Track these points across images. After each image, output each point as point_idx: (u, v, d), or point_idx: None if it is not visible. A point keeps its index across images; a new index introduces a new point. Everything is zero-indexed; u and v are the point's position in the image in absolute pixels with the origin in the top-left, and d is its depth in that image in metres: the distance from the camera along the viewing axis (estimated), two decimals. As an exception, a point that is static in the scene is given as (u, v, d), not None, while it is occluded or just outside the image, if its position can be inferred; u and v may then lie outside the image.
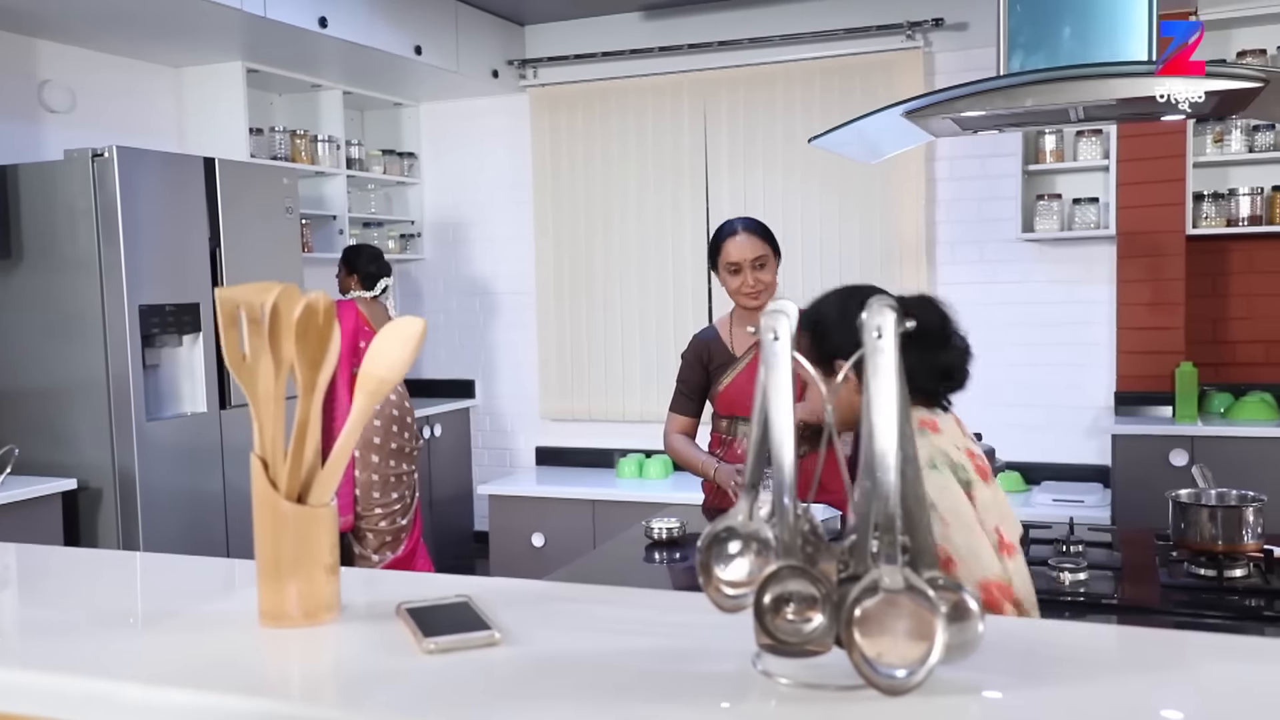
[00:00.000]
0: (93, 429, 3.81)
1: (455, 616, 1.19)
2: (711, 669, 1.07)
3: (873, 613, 0.93)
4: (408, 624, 1.17)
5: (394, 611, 1.21)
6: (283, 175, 4.41)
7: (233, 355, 1.15)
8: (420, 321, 1.16)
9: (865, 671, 0.93)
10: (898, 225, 4.98)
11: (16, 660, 1.16)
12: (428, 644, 1.10)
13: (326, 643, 1.18)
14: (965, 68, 4.85)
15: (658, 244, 5.40)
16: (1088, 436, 4.75)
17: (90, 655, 1.15)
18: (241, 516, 4.17)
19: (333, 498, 1.20)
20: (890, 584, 0.94)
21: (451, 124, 5.81)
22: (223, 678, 1.08)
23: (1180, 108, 2.05)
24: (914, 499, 0.97)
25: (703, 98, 5.26)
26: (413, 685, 1.04)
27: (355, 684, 1.07)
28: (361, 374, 1.16)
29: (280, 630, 1.19)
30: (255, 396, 1.17)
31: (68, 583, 1.55)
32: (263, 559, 1.19)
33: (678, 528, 2.67)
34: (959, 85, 2.03)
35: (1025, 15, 2.14)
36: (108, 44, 4.38)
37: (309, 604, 1.19)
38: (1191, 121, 4.31)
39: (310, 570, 1.18)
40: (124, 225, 3.72)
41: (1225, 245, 4.54)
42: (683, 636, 1.21)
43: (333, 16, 4.30)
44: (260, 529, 1.19)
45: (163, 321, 3.90)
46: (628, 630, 1.27)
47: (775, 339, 1.03)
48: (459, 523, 5.72)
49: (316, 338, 1.14)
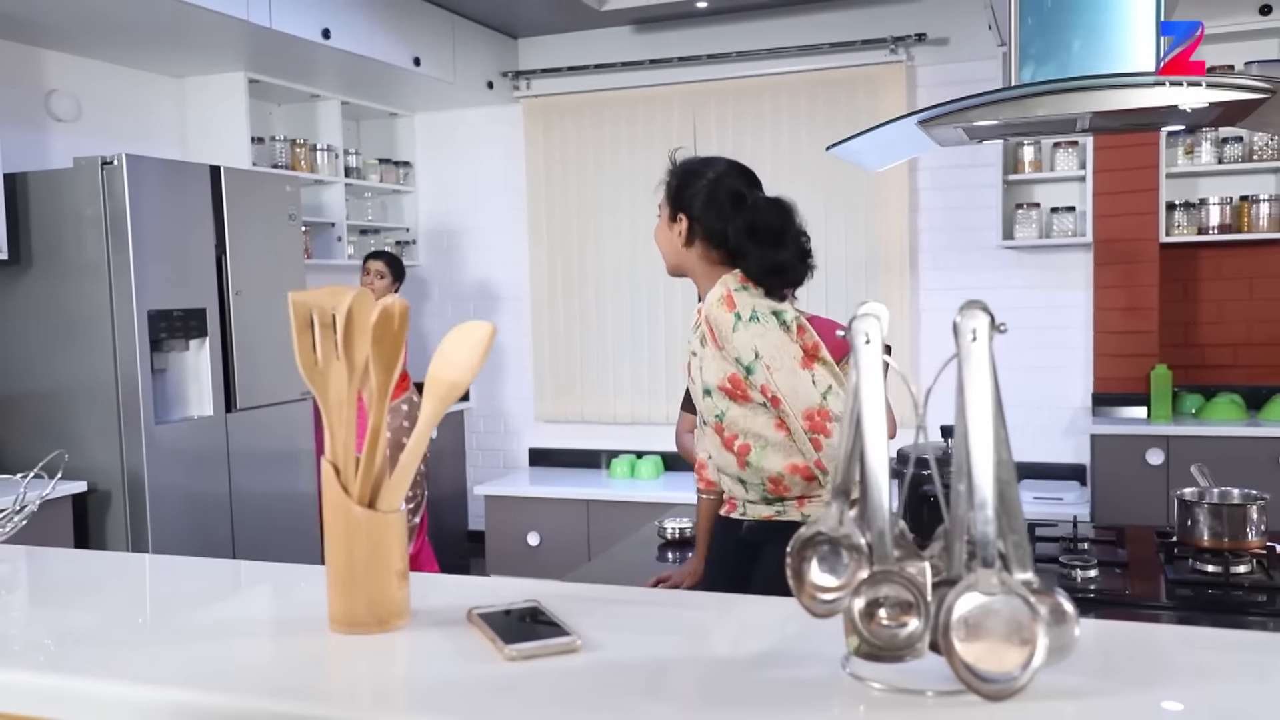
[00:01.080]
0: (102, 432, 3.90)
1: (530, 623, 1.18)
2: (799, 674, 1.05)
3: (971, 618, 0.93)
4: (483, 630, 1.16)
5: (465, 617, 1.21)
6: (286, 183, 4.51)
7: (305, 359, 1.17)
8: (489, 325, 1.18)
9: (966, 677, 0.92)
10: (882, 234, 5.13)
11: (97, 669, 1.13)
12: (509, 651, 1.09)
13: (402, 649, 1.16)
14: (945, 81, 5.02)
15: (648, 251, 5.50)
16: (1065, 436, 4.92)
17: (166, 663, 1.14)
18: (247, 519, 4.26)
19: (402, 503, 1.23)
20: (987, 588, 0.93)
21: (446, 134, 5.92)
22: (301, 685, 1.08)
23: (1186, 116, 2.19)
24: (1009, 501, 0.96)
25: (692, 109, 5.40)
26: (496, 693, 1.03)
27: (437, 692, 1.05)
28: (431, 379, 1.18)
29: (352, 636, 1.19)
30: (326, 401, 1.18)
31: (127, 590, 1.54)
32: (335, 565, 1.20)
33: (690, 527, 2.71)
34: (973, 95, 2.16)
35: (1036, 28, 2.27)
36: (113, 54, 4.47)
37: (381, 610, 1.19)
38: (1164, 133, 4.49)
39: (382, 576, 1.18)
40: (133, 231, 3.81)
41: (1195, 252, 4.72)
42: (761, 640, 1.20)
43: (335, 28, 4.41)
44: (333, 535, 1.20)
45: (170, 326, 3.99)
46: (703, 634, 1.26)
47: (867, 342, 1.02)
48: (454, 522, 5.82)
49: (392, 342, 1.17)
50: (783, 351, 2.03)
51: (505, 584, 1.35)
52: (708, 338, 2.10)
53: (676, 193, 2.16)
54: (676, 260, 2.20)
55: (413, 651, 1.16)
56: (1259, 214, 4.47)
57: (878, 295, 5.17)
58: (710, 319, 2.09)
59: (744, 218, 2.09)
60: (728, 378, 2.09)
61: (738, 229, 2.09)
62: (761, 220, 2.10)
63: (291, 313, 1.15)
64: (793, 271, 2.13)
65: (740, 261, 2.12)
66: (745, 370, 2.04)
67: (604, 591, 1.47)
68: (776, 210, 2.12)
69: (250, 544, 4.28)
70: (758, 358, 2.02)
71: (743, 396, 2.09)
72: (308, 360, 1.17)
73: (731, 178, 2.16)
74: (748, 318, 2.03)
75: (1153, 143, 4.47)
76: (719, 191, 2.12)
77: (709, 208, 2.12)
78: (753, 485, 2.14)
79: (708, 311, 2.10)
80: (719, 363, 2.09)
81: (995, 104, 2.26)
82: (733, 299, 2.07)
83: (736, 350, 2.04)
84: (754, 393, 2.07)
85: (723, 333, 2.06)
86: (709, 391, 2.13)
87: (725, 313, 2.06)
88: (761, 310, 2.06)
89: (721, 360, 2.09)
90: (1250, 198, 4.50)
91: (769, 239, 2.10)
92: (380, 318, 1.15)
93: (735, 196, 2.13)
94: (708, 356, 2.12)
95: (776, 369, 2.01)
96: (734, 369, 2.07)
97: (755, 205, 2.12)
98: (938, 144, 2.59)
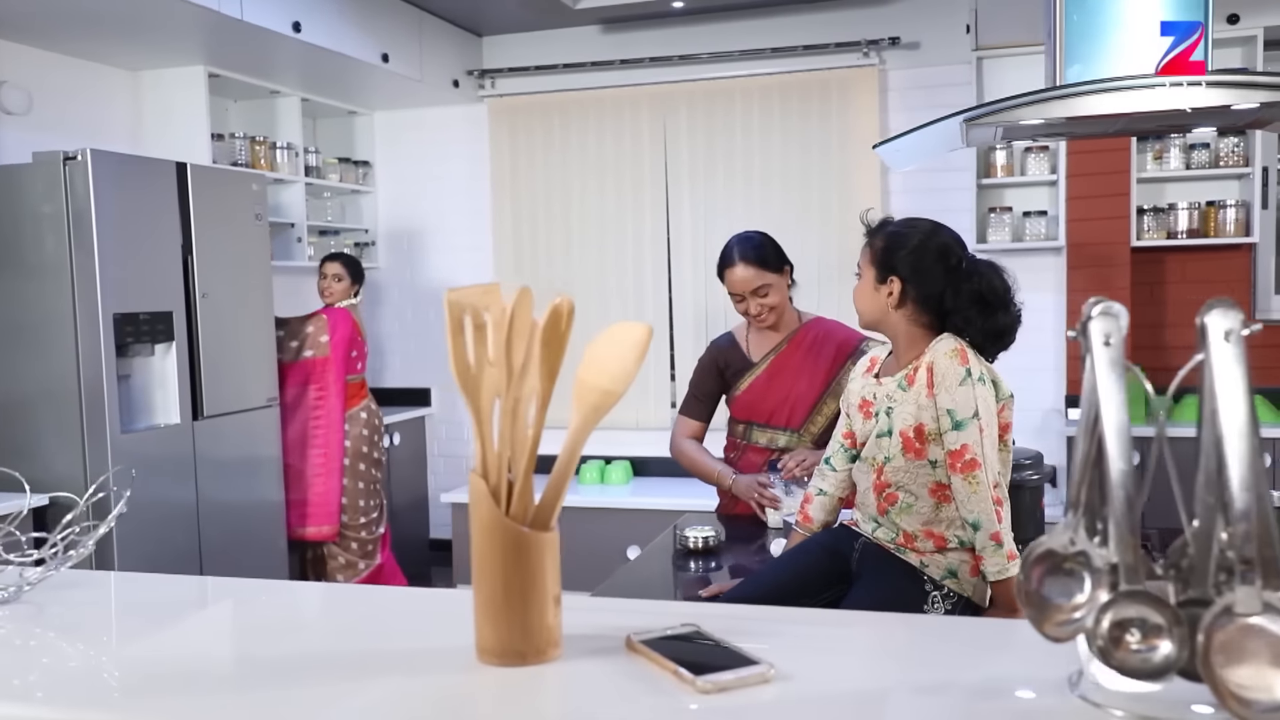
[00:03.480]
0: (64, 442, 3.69)
1: (706, 649, 1.09)
2: (1027, 701, 0.98)
3: (1230, 640, 0.87)
4: (655, 659, 1.07)
5: (621, 644, 1.12)
6: (252, 182, 4.34)
7: (460, 364, 1.06)
8: (645, 326, 1.07)
9: (1233, 705, 0.86)
10: (854, 237, 5.09)
11: (245, 709, 1.02)
12: (703, 684, 1.00)
13: (573, 682, 1.06)
14: (916, 85, 5.06)
15: (618, 255, 5.46)
16: (1037, 436, 4.96)
17: (313, 702, 1.04)
18: (214, 530, 4.08)
19: (553, 524, 1.12)
20: (1248, 608, 0.87)
21: (406, 133, 5.77)
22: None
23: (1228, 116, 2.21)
24: (1266, 516, 0.90)
25: (662, 111, 5.35)
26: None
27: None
28: (581, 386, 1.08)
29: (508, 669, 1.08)
30: (479, 409, 1.08)
31: (229, 619, 1.41)
32: (489, 589, 1.09)
33: (713, 536, 2.64)
34: (1021, 94, 2.15)
35: (1081, 27, 2.27)
36: (66, 45, 4.25)
37: (539, 639, 1.08)
38: (1134, 139, 4.57)
39: (540, 601, 1.08)
40: (98, 230, 3.62)
41: (1162, 256, 4.81)
42: (961, 664, 1.12)
43: (306, 21, 4.26)
44: (487, 556, 1.09)
45: (136, 330, 3.80)
46: (896, 659, 1.16)
47: (1106, 343, 0.97)
48: (415, 531, 5.67)
49: (559, 346, 1.08)
50: (993, 421, 2.04)
51: (647, 606, 1.27)
52: (922, 383, 2.08)
53: (884, 255, 2.14)
54: (877, 320, 2.19)
55: (587, 685, 1.05)
56: (1225, 219, 4.57)
57: (849, 298, 5.16)
58: (935, 367, 2.06)
59: (971, 285, 2.08)
60: (914, 427, 2.07)
61: (963, 295, 2.08)
62: (988, 286, 2.09)
63: (447, 313, 1.05)
64: (1011, 335, 2.13)
65: (950, 322, 2.11)
66: (954, 424, 2.03)
67: (749, 611, 1.37)
68: (999, 275, 2.11)
69: (217, 556, 4.10)
70: (975, 416, 2.02)
71: (915, 451, 2.08)
72: (462, 365, 1.07)
73: (943, 240, 2.14)
74: (977, 377, 2.03)
75: (1124, 148, 4.55)
76: (932, 255, 2.11)
77: (924, 272, 2.11)
78: (885, 526, 2.16)
79: (933, 359, 2.07)
80: (917, 409, 2.08)
81: (1041, 103, 2.25)
82: (966, 354, 2.06)
83: (954, 403, 2.03)
84: (934, 448, 2.06)
85: (946, 382, 2.04)
86: (890, 433, 2.12)
87: (957, 365, 2.04)
88: (989, 376, 2.07)
89: (921, 408, 2.07)
90: (1217, 203, 4.60)
91: (998, 304, 2.09)
92: (549, 318, 1.06)
93: (950, 259, 2.11)
94: (908, 400, 2.09)
95: (987, 434, 2.02)
96: (929, 420, 2.06)
97: (978, 271, 2.10)
98: (968, 144, 2.58)
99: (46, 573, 1.43)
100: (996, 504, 2.03)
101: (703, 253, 5.31)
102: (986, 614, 2.09)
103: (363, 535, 4.59)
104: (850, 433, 2.28)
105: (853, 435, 2.27)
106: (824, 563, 2.21)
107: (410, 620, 1.34)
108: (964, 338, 2.09)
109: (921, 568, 2.09)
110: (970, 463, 2.02)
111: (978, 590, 2.09)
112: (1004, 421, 2.10)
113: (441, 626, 1.26)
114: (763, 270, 2.88)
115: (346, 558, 4.57)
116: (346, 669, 1.12)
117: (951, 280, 2.10)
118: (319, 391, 4.57)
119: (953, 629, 1.24)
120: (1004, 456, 2.11)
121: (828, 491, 2.36)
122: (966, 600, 2.10)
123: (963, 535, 2.07)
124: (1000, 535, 2.02)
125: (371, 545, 4.64)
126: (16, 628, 1.32)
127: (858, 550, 2.19)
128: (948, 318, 2.11)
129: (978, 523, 2.02)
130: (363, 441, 4.66)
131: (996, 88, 4.69)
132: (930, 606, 2.08)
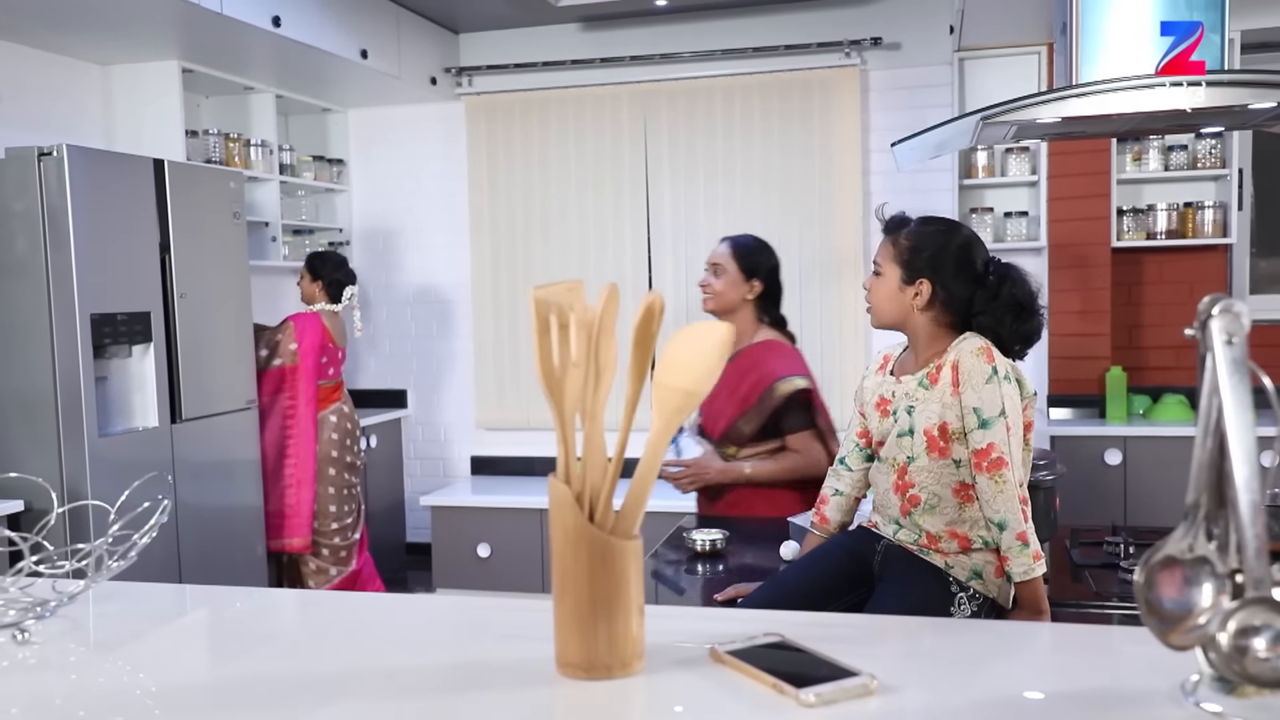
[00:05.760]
0: (39, 446, 3.58)
1: (796, 659, 1.06)
2: (1143, 711, 0.95)
3: None
4: (750, 672, 1.04)
5: (705, 655, 1.09)
6: (229, 179, 4.25)
7: (545, 365, 1.03)
8: (726, 326, 1.04)
9: None
10: (835, 237, 5.13)
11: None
12: (807, 696, 0.98)
13: (665, 697, 1.02)
14: (897, 85, 5.07)
15: (598, 254, 5.42)
16: (1018, 438, 5.00)
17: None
18: (192, 535, 3.98)
19: (637, 531, 1.08)
20: None
21: (381, 130, 5.69)
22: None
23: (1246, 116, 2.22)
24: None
25: (643, 109, 5.31)
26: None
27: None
28: (661, 388, 1.04)
29: (593, 683, 1.05)
30: (562, 412, 1.05)
31: (306, 632, 1.35)
32: (572, 600, 1.06)
33: (721, 539, 2.62)
34: (1040, 93, 2.15)
35: (1099, 26, 2.27)
36: (33, 38, 4.13)
37: (624, 651, 1.05)
38: (1114, 140, 4.61)
39: (625, 611, 1.05)
40: (74, 228, 3.52)
41: (1140, 257, 4.86)
42: (1066, 672, 1.09)
43: (286, 16, 4.17)
44: (569, 565, 1.05)
45: (114, 331, 3.70)
46: (996, 668, 1.12)
47: (1229, 342, 0.92)
48: (392, 535, 5.59)
49: (649, 345, 1.04)
50: (1019, 420, 2.05)
51: (723, 615, 1.21)
52: (947, 381, 2.07)
53: (913, 256, 2.13)
54: (899, 319, 2.18)
55: (682, 699, 1.01)
56: (1203, 220, 4.63)
57: (831, 298, 5.17)
58: (961, 365, 2.05)
59: (1006, 290, 2.09)
60: (939, 425, 2.06)
61: (999, 301, 2.08)
62: (1025, 293, 2.10)
63: (533, 312, 1.01)
64: (1037, 337, 2.14)
65: (976, 322, 2.10)
66: (981, 423, 2.01)
67: (826, 619, 1.34)
68: (1026, 281, 2.13)
69: (195, 562, 4.00)
70: (1002, 414, 2.01)
71: (940, 451, 2.07)
72: (548, 366, 1.03)
73: (970, 240, 2.15)
74: (1003, 375, 2.02)
75: (1104, 149, 4.58)
76: (963, 258, 2.11)
77: (955, 275, 2.10)
78: (907, 528, 2.14)
79: (959, 357, 2.06)
80: (941, 407, 2.06)
81: (1060, 100, 2.25)
82: (992, 353, 2.05)
83: (981, 401, 2.01)
84: (958, 447, 2.05)
85: (973, 380, 2.02)
86: (911, 432, 2.10)
87: (983, 364, 2.03)
88: (1015, 375, 2.07)
89: (946, 406, 2.06)
90: (1194, 204, 4.65)
91: (1029, 308, 2.10)
92: (642, 316, 1.02)
93: (978, 262, 2.12)
94: (931, 399, 2.08)
95: (1013, 433, 2.02)
96: (953, 418, 2.05)
97: (1009, 277, 2.11)
98: (980, 144, 2.58)
99: (89, 584, 1.37)
100: (1021, 503, 2.02)
101: (683, 253, 5.28)
102: (1010, 616, 2.08)
103: (335, 541, 4.51)
104: (865, 431, 2.26)
105: (868, 434, 2.25)
106: (846, 565, 2.19)
107: (475, 632, 1.29)
108: (987, 336, 2.09)
109: (946, 569, 2.08)
110: (997, 461, 2.01)
111: (1002, 591, 2.08)
112: (1026, 420, 2.10)
113: (503, 636, 1.21)
114: (730, 257, 3.00)
115: (318, 564, 4.49)
116: (431, 685, 1.06)
117: (980, 282, 2.10)
118: (290, 400, 4.47)
119: (1033, 635, 1.22)
120: (1025, 456, 2.11)
121: (843, 492, 2.34)
122: (991, 602, 2.09)
123: (987, 536, 2.06)
124: (1026, 535, 2.01)
125: (345, 551, 4.55)
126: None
127: (880, 553, 2.17)
128: (973, 318, 2.11)
129: (1004, 522, 2.01)
130: (333, 445, 4.54)
131: (977, 89, 4.72)
132: (957, 609, 2.06)
